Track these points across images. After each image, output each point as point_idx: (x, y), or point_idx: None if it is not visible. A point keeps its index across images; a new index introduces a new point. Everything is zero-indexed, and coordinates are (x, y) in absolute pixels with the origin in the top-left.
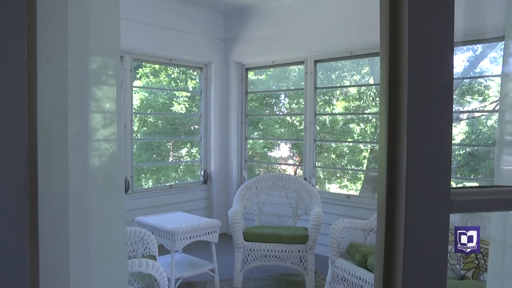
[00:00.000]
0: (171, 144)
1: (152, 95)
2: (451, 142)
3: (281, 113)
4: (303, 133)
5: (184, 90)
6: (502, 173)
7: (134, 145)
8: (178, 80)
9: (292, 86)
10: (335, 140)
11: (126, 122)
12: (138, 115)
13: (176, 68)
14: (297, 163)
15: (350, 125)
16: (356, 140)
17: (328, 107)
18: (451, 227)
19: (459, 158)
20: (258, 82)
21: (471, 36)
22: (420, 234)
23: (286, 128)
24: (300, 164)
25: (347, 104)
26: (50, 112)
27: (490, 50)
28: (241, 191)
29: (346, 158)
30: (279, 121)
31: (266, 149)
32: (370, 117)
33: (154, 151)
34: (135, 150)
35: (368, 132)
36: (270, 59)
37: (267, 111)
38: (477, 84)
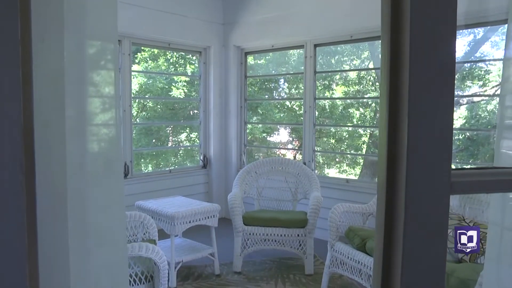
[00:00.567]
0: (171, 129)
1: (151, 80)
2: (452, 123)
3: (280, 98)
4: (302, 117)
5: (183, 74)
6: (502, 156)
7: (134, 129)
8: (177, 65)
9: (292, 71)
10: (335, 125)
11: (125, 107)
12: (137, 100)
13: (175, 53)
14: (296, 147)
15: (349, 109)
16: (355, 124)
17: (328, 92)
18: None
19: (458, 143)
20: (257, 67)
21: (473, 19)
22: (420, 216)
23: (285, 113)
24: (300, 148)
25: (346, 89)
26: (47, 93)
27: (491, 34)
28: (240, 176)
29: (346, 143)
30: (279, 105)
31: (265, 134)
32: (369, 101)
33: (153, 136)
34: (134, 135)
35: (368, 117)
36: (270, 43)
37: (266, 96)
38: (477, 68)
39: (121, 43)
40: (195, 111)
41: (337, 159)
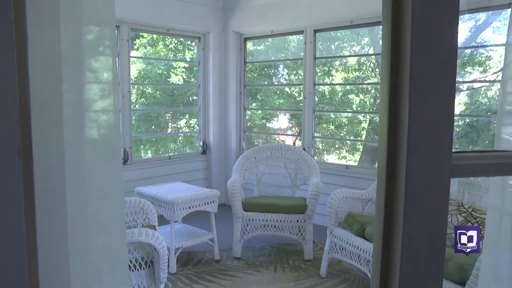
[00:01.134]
0: (170, 115)
1: (150, 66)
2: (454, 107)
3: (279, 84)
4: (302, 103)
5: (182, 60)
6: (503, 142)
7: (133, 116)
8: (176, 51)
9: (291, 57)
10: (334, 111)
11: (124, 93)
12: (136, 86)
13: (174, 39)
14: (296, 133)
15: (349, 96)
16: (355, 111)
17: (327, 78)
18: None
19: (458, 129)
20: (257, 53)
21: (476, 4)
22: (421, 199)
23: (285, 99)
24: (299, 134)
25: (346, 75)
26: (43, 78)
27: (493, 19)
28: (240, 162)
29: (345, 129)
30: (278, 91)
31: (264, 120)
32: (369, 87)
33: (152, 122)
34: (133, 121)
35: (367, 103)
36: (269, 29)
37: (266, 82)
38: (478, 54)
39: (119, 29)
40: (194, 97)
41: (336, 145)
